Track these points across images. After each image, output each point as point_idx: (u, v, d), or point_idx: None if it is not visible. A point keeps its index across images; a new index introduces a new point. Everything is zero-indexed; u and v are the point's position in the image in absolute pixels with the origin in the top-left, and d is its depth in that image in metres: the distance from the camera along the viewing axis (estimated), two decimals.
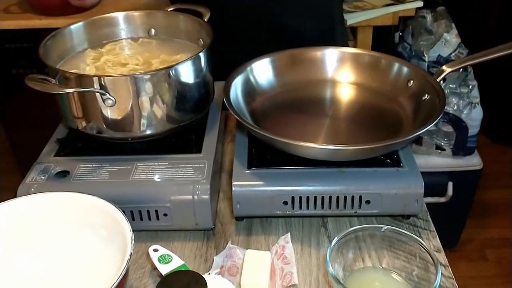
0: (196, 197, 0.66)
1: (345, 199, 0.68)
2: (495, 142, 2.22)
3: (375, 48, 1.52)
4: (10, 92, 1.66)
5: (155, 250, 0.63)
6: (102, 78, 0.66)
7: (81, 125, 0.72)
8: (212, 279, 0.56)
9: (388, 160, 0.70)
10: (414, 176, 0.68)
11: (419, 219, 0.72)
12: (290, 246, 0.66)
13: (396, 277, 0.58)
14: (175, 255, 0.62)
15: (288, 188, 0.67)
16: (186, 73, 0.72)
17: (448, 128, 1.54)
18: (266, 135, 0.66)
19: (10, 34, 1.52)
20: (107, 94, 0.66)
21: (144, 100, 0.68)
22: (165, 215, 0.67)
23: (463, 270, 1.70)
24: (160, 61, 0.79)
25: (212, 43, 0.75)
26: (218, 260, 0.64)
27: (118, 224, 0.57)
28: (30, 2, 1.52)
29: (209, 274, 0.62)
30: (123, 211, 0.58)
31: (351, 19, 1.49)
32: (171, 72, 0.69)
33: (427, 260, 0.56)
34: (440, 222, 0.76)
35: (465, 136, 1.54)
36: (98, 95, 0.67)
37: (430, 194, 1.57)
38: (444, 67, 0.75)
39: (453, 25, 1.64)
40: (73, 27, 0.82)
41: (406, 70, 0.81)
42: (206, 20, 0.83)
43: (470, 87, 1.53)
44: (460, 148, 1.56)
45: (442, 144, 1.57)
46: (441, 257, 0.65)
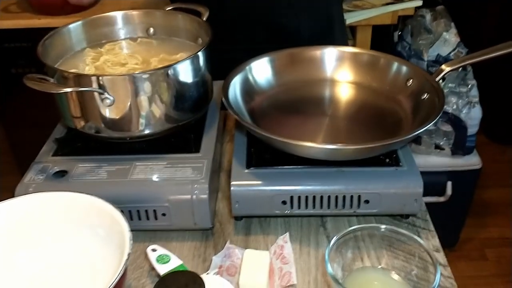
0: (194, 196, 0.66)
1: (344, 198, 0.67)
2: (494, 142, 2.22)
3: (374, 47, 1.52)
4: (9, 91, 1.66)
5: (153, 250, 0.63)
6: (100, 78, 0.66)
7: (79, 124, 0.72)
8: (210, 279, 0.56)
9: (387, 160, 0.70)
10: (413, 176, 0.68)
11: (418, 218, 0.72)
12: (289, 246, 0.65)
13: (395, 276, 0.58)
14: (173, 255, 0.62)
15: (287, 188, 0.67)
16: (185, 72, 0.71)
17: (447, 128, 1.54)
18: (265, 135, 0.66)
19: (9, 33, 1.52)
20: (106, 93, 0.66)
21: (143, 99, 0.68)
22: (163, 214, 0.67)
23: (462, 270, 1.70)
24: (160, 60, 0.79)
25: (211, 42, 0.75)
26: (216, 260, 0.64)
27: (116, 224, 0.57)
28: (29, 1, 1.52)
29: (207, 274, 0.61)
30: (122, 211, 0.58)
31: (350, 18, 1.49)
32: (169, 71, 0.69)
33: (426, 260, 0.55)
34: (439, 222, 0.76)
35: (464, 135, 1.54)
36: (96, 95, 0.67)
37: (429, 193, 1.57)
38: (443, 66, 0.75)
39: (452, 24, 1.64)
40: (71, 26, 0.82)
41: (405, 69, 0.81)
42: (205, 19, 0.83)
43: (469, 86, 1.53)
44: (459, 148, 1.56)
45: (441, 143, 1.57)
46: (440, 256, 0.65)
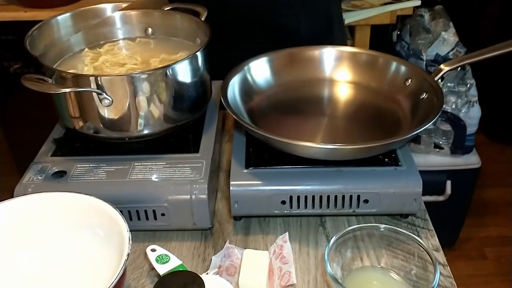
0: (193, 196, 0.66)
1: (343, 198, 0.67)
2: (494, 141, 2.22)
3: (373, 47, 1.52)
4: (9, 92, 1.66)
5: (153, 250, 0.63)
6: (99, 78, 0.66)
7: (78, 125, 0.72)
8: (210, 279, 0.56)
9: (386, 159, 0.70)
10: (412, 175, 0.68)
11: (417, 218, 0.72)
12: (288, 246, 0.65)
13: (394, 276, 0.58)
14: (172, 255, 0.62)
15: (286, 188, 0.67)
16: (183, 72, 0.71)
17: (446, 127, 1.54)
18: (264, 135, 0.66)
19: None
20: (104, 93, 0.66)
21: (141, 99, 0.68)
22: (162, 215, 0.67)
23: (462, 269, 1.70)
24: (160, 60, 0.79)
25: (209, 42, 0.75)
26: (216, 260, 0.64)
27: (115, 224, 0.57)
28: None
29: (207, 274, 0.62)
30: (121, 211, 0.58)
31: (349, 18, 1.50)
32: (168, 71, 0.69)
33: (425, 259, 0.55)
34: (438, 221, 0.76)
35: (463, 134, 1.54)
36: (95, 95, 0.66)
37: (428, 193, 1.58)
38: (442, 66, 0.75)
39: (451, 23, 1.64)
40: (59, 17, 0.82)
41: (404, 69, 0.81)
42: (203, 19, 0.83)
43: (468, 86, 1.53)
44: (459, 147, 1.57)
45: (441, 142, 1.57)
46: (439, 256, 0.65)
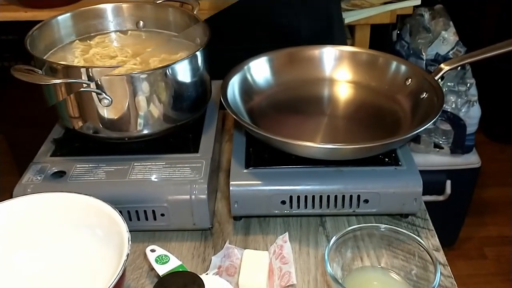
0: (193, 196, 0.66)
1: (343, 198, 0.67)
2: (494, 140, 2.22)
3: (373, 46, 1.52)
4: (9, 91, 1.65)
5: (152, 251, 0.62)
6: (90, 70, 0.65)
7: (77, 125, 0.72)
8: (210, 279, 0.56)
9: (386, 159, 0.70)
10: (412, 175, 0.68)
11: (417, 218, 0.71)
12: (288, 246, 0.65)
13: (395, 276, 0.58)
14: (172, 255, 0.62)
15: (286, 188, 0.67)
16: (183, 72, 0.71)
17: (446, 127, 1.54)
18: (263, 134, 0.66)
19: None
20: (103, 93, 0.66)
21: (141, 99, 0.68)
22: (162, 215, 0.67)
23: (461, 269, 1.70)
24: (161, 60, 0.79)
25: (209, 41, 0.75)
26: (216, 260, 0.64)
27: (115, 224, 0.57)
28: None
29: (207, 274, 0.61)
30: (120, 211, 0.58)
31: (349, 18, 1.49)
32: (168, 71, 0.69)
33: (426, 259, 0.55)
34: (438, 221, 0.76)
35: (463, 134, 1.54)
36: (94, 95, 0.66)
37: (428, 192, 1.58)
38: (442, 65, 0.75)
39: (451, 23, 1.64)
40: (60, 18, 0.82)
41: (404, 69, 0.80)
42: (195, 12, 0.82)
43: (468, 85, 1.53)
44: (459, 146, 1.56)
45: (441, 142, 1.57)
46: (440, 256, 0.65)
